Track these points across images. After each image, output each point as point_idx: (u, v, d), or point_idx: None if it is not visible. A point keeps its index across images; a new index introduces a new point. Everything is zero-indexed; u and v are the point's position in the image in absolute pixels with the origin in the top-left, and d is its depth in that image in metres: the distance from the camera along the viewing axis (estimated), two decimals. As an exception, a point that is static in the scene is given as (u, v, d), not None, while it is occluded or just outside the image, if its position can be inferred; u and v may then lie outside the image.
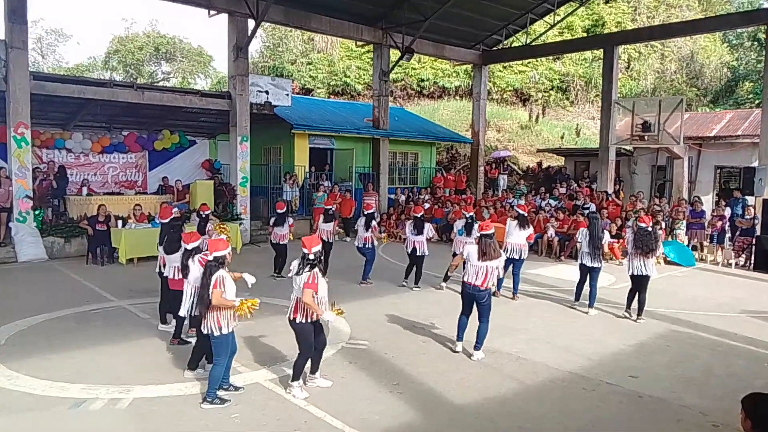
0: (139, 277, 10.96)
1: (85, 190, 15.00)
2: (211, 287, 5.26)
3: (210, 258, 5.42)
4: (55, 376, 6.00)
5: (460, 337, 7.05)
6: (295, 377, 5.67)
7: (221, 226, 9.26)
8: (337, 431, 5.00)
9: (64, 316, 8.35)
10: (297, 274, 5.54)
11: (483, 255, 6.70)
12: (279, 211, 11.05)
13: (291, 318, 5.60)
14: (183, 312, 6.39)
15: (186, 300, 6.24)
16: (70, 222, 13.53)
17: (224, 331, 5.36)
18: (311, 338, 5.63)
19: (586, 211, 14.12)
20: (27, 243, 12.57)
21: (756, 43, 28.90)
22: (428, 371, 6.40)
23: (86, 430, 4.99)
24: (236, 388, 5.68)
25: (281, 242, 11.05)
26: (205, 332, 5.42)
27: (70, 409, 5.30)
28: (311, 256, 5.52)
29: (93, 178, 16.15)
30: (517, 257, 9.72)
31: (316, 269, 5.49)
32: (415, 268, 10.52)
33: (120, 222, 12.65)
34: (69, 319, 8.20)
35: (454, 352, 6.99)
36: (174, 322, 7.24)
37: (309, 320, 5.55)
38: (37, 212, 13.03)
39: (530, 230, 10.15)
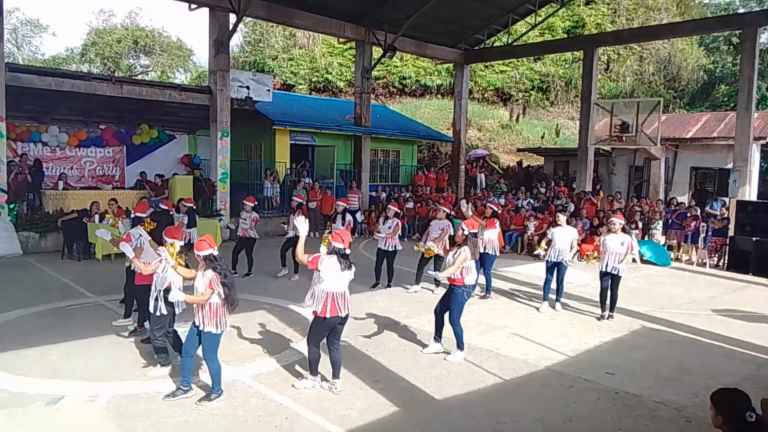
0: (116, 273, 10.71)
1: (61, 184, 14.72)
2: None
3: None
4: (31, 373, 5.91)
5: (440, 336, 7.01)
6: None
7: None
8: (317, 427, 5.01)
9: (39, 311, 8.22)
10: (343, 270, 5.57)
11: (473, 255, 6.78)
12: (250, 204, 11.12)
13: (346, 315, 5.75)
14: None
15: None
16: (45, 216, 13.28)
17: (218, 329, 5.39)
18: None
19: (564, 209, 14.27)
20: (1, 238, 12.29)
21: (732, 47, 29.41)
22: (409, 367, 6.44)
23: (63, 427, 4.91)
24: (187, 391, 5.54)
25: (245, 236, 11.06)
26: (208, 330, 5.35)
27: (46, 405, 5.22)
28: (348, 251, 5.69)
29: (69, 172, 15.87)
30: (491, 253, 9.90)
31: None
32: (386, 266, 10.44)
33: (97, 217, 12.45)
34: (45, 315, 8.07)
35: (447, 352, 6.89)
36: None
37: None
38: (11, 206, 12.78)
39: (498, 228, 10.42)
